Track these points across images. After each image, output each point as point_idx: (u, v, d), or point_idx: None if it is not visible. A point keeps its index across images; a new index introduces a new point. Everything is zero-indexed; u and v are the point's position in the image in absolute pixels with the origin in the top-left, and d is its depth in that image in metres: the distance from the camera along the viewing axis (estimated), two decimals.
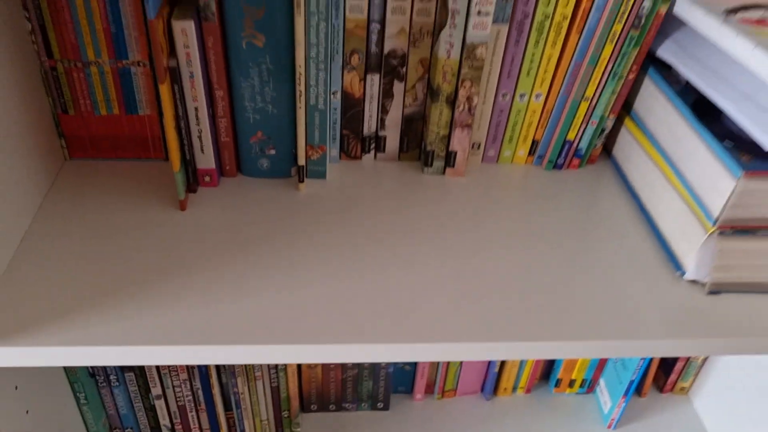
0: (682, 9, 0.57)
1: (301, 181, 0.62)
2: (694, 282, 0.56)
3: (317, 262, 0.55)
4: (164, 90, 0.52)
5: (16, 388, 0.54)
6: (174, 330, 0.48)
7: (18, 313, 0.49)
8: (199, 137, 0.59)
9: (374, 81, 0.62)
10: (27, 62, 0.56)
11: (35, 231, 0.56)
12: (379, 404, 0.86)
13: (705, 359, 0.89)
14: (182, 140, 0.58)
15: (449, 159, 0.65)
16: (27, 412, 0.56)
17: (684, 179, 0.57)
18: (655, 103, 0.62)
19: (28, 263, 0.53)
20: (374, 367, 0.81)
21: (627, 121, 0.67)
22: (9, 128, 0.53)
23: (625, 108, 0.67)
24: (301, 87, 0.56)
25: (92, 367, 0.67)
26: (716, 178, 0.53)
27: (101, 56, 0.58)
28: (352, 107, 0.63)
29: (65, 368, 0.65)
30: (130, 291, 0.51)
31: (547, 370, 0.91)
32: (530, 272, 0.56)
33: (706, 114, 0.57)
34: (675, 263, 0.58)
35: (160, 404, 0.73)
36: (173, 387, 0.72)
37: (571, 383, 0.90)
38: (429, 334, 0.50)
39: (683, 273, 0.56)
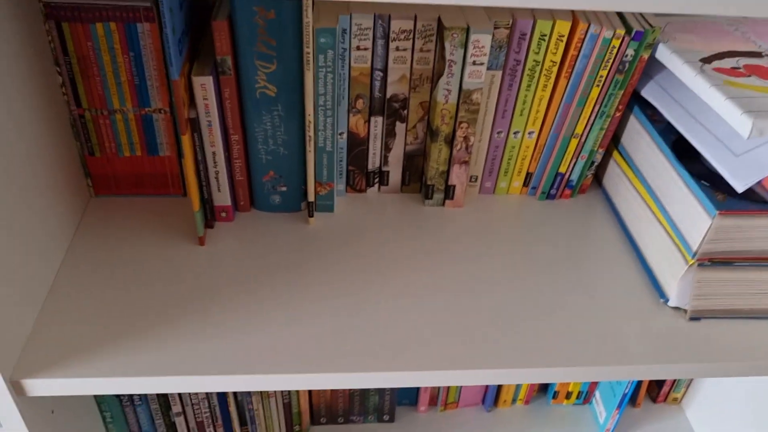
0: (662, 56, 0.61)
1: (311, 215, 0.67)
2: (677, 309, 0.61)
3: (326, 293, 0.60)
4: (186, 140, 0.57)
5: (53, 412, 0.59)
6: (195, 360, 0.53)
7: (55, 347, 0.53)
8: (216, 178, 0.64)
9: (378, 122, 0.66)
10: (57, 111, 0.61)
11: (68, 266, 0.61)
12: (385, 417, 0.91)
13: None
14: (200, 181, 0.63)
15: (448, 192, 0.70)
16: None
17: (666, 213, 0.62)
18: (640, 140, 0.67)
19: (63, 299, 0.58)
20: None
21: (615, 154, 0.72)
22: (41, 169, 0.58)
23: (614, 141, 0.72)
24: (310, 132, 0.61)
25: None
26: (694, 215, 0.57)
27: (126, 105, 0.63)
28: (357, 146, 0.68)
29: None
30: (155, 324, 0.56)
31: (545, 383, 0.96)
32: (523, 300, 0.61)
33: (687, 152, 0.61)
34: (659, 291, 0.62)
35: (179, 421, 0.78)
36: (192, 405, 0.77)
37: (568, 395, 0.94)
38: (430, 361, 0.54)
39: (667, 300, 0.61)
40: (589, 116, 0.66)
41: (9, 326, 0.51)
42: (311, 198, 0.66)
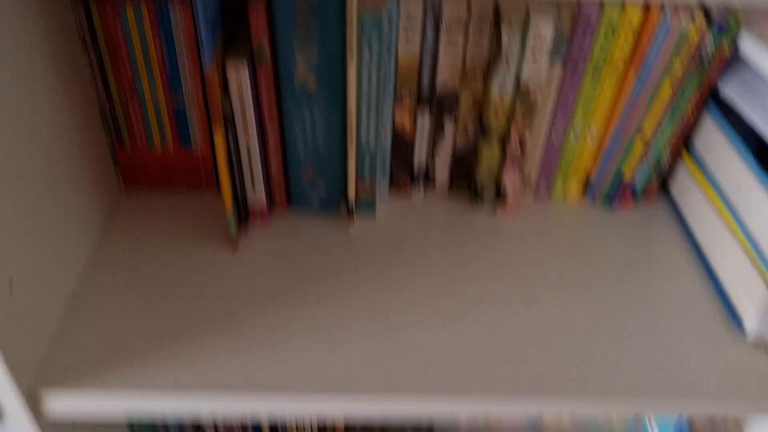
0: (749, 50, 0.55)
1: (351, 218, 0.62)
2: (756, 342, 0.54)
3: (365, 308, 0.55)
4: (218, 138, 0.53)
5: (74, 427, 0.56)
6: (222, 379, 0.49)
7: (74, 357, 0.50)
8: (251, 174, 0.60)
9: (425, 118, 0.61)
10: (85, 99, 0.58)
11: (94, 269, 0.58)
12: None
13: None
14: (234, 180, 0.59)
15: (500, 197, 0.64)
16: None
17: (746, 230, 0.55)
18: (717, 145, 0.60)
19: (87, 306, 0.54)
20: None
21: (686, 159, 0.65)
22: (68, 160, 0.54)
23: (686, 144, 0.65)
24: (352, 127, 0.56)
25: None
26: None
27: (157, 93, 0.59)
28: (402, 143, 0.63)
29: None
30: (184, 336, 0.52)
31: None
32: (580, 322, 0.55)
33: None
34: (735, 318, 0.55)
35: None
36: None
37: None
38: (472, 386, 0.49)
39: (744, 330, 0.54)
40: (659, 116, 0.60)
41: (29, 335, 0.48)
42: (352, 197, 0.61)
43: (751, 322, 0.53)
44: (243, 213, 0.62)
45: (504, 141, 0.61)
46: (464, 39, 0.56)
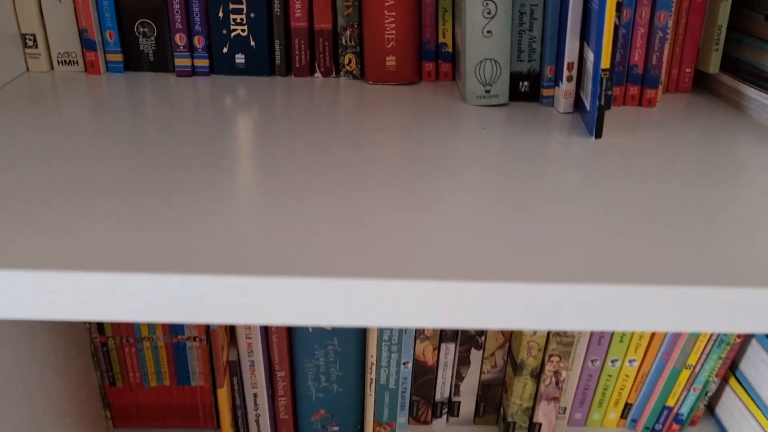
0: None
1: None
2: None
3: None
4: (222, 393, 0.47)
5: None
6: None
7: None
8: (257, 421, 0.53)
9: (449, 349, 0.56)
10: (77, 339, 0.52)
11: None
12: None
13: None
14: (237, 425, 0.52)
15: (533, 430, 0.58)
16: None
17: None
18: (765, 369, 0.55)
19: None
20: None
21: (732, 382, 0.59)
22: (52, 399, 0.48)
23: (731, 367, 0.60)
24: (372, 375, 0.50)
25: None
26: None
27: (155, 332, 0.54)
28: (423, 374, 0.57)
29: None
30: None
31: None
32: None
33: None
34: None
35: None
36: None
37: None
38: None
39: None
40: (705, 344, 0.55)
41: None
42: None
43: None
44: None
45: (538, 376, 0.55)
46: None
